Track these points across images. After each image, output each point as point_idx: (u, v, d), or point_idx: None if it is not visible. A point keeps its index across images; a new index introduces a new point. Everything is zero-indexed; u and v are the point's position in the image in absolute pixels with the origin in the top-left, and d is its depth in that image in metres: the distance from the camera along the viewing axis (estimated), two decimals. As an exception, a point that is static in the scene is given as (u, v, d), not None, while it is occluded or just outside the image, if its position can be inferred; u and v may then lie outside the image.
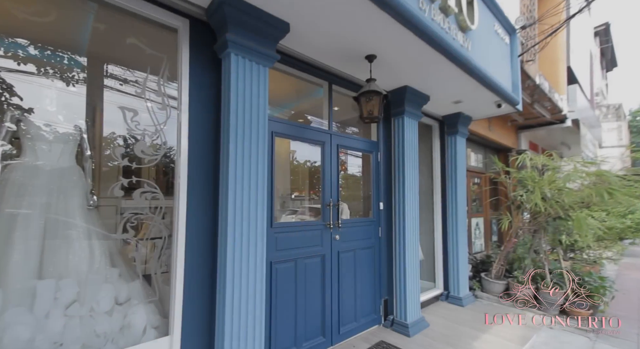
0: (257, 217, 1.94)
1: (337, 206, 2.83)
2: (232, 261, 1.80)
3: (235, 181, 1.85)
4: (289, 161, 5.95)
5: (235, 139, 1.87)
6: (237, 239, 1.83)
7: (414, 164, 3.37)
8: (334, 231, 2.81)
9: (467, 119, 4.25)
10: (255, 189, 1.94)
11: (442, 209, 4.32)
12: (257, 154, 1.97)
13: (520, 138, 7.32)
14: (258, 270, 1.93)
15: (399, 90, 3.21)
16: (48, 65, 1.90)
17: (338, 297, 2.81)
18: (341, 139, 2.95)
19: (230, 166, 1.84)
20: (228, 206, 1.81)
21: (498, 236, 6.99)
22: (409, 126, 3.33)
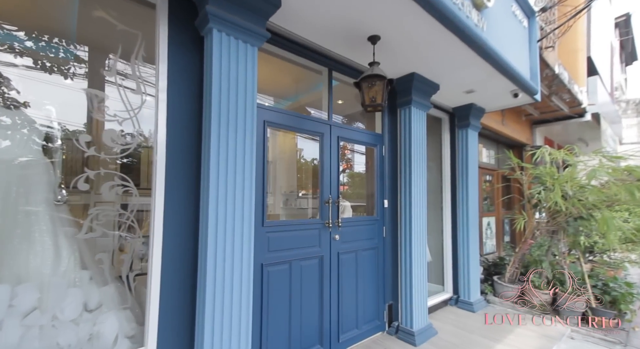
0: (244, 216, 1.73)
1: (338, 203, 2.60)
2: (213, 263, 1.60)
3: (218, 176, 1.64)
4: (296, 159, 5.77)
5: (217, 128, 1.65)
6: (220, 239, 1.62)
7: (421, 158, 3.11)
8: (334, 231, 2.58)
9: (480, 111, 3.95)
10: (241, 185, 1.73)
11: (451, 207, 4.05)
12: (245, 145, 1.76)
13: (535, 133, 6.94)
14: (244, 274, 1.72)
15: (405, 78, 2.94)
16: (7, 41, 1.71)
17: (338, 302, 2.58)
18: (342, 130, 2.71)
19: (212, 158, 1.63)
20: (209, 203, 1.60)
21: (511, 237, 6.66)
22: (416, 117, 3.07)
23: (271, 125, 2.24)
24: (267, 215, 2.18)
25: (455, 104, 3.87)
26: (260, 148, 2.14)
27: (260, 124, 2.15)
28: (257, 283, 2.06)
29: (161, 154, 1.66)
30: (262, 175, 2.14)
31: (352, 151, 4.14)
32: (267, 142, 2.19)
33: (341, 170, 2.78)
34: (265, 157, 2.17)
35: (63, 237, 1.61)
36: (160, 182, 1.65)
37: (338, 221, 2.59)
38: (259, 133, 2.14)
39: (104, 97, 1.57)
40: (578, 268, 3.73)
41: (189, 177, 1.73)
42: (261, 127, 2.16)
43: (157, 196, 1.63)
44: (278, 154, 6.16)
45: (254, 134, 1.81)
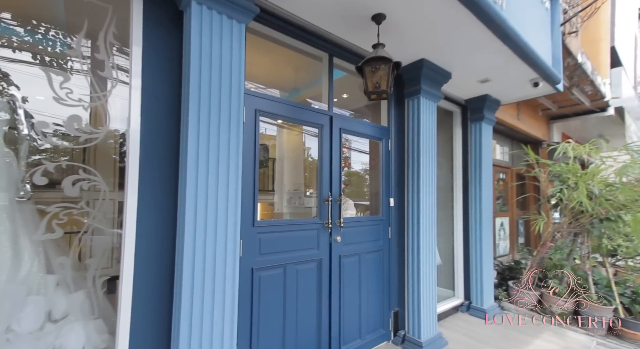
0: (228, 215, 1.52)
1: (339, 201, 2.37)
2: (190, 268, 1.39)
3: (197, 170, 1.44)
4: (304, 157, 5.58)
5: (196, 116, 1.45)
6: (199, 241, 1.42)
7: (431, 153, 2.85)
8: (335, 232, 2.36)
9: (495, 103, 3.66)
10: (225, 180, 1.52)
11: (463, 207, 3.78)
12: (229, 136, 1.55)
13: (552, 129, 6.56)
14: (229, 280, 1.51)
15: (414, 65, 2.69)
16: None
17: (339, 310, 2.36)
18: (344, 121, 2.47)
19: (190, 150, 1.43)
20: (186, 201, 1.40)
21: (525, 238, 6.33)
22: (426, 108, 2.81)
23: (264, 114, 2.02)
24: (269, 213, 1.97)
25: (468, 96, 3.59)
26: (251, 140, 1.93)
27: (251, 113, 1.94)
28: (246, 289, 1.86)
29: (134, 145, 1.46)
30: (253, 170, 1.93)
31: (349, 149, 3.91)
32: (258, 133, 1.97)
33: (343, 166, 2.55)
34: (257, 149, 1.96)
35: (25, 238, 1.43)
36: (134, 177, 1.45)
37: (340, 221, 2.36)
38: (249, 123, 1.93)
39: (65, 78, 1.38)
40: (602, 274, 3.42)
41: (167, 172, 1.53)
42: (252, 117, 1.94)
43: (130, 193, 1.44)
44: (285, 153, 5.97)
45: (240, 124, 1.60)
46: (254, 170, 1.94)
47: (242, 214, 1.85)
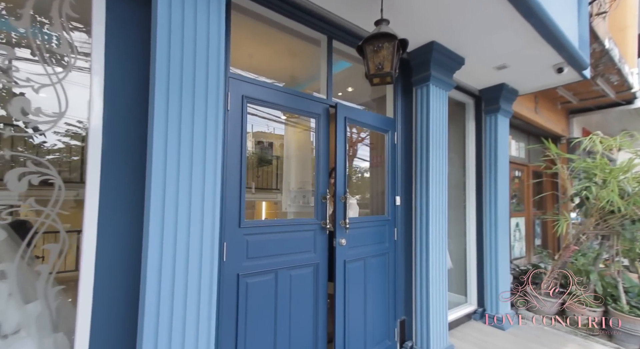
0: (204, 216, 1.31)
1: (344, 200, 2.12)
2: (155, 277, 1.19)
3: (165, 165, 1.23)
4: (312, 156, 5.36)
5: (164, 103, 1.24)
6: (167, 246, 1.21)
7: (442, 147, 2.59)
8: (339, 233, 2.11)
9: (513, 93, 3.36)
10: (200, 177, 1.31)
11: (476, 206, 3.49)
12: (206, 125, 1.33)
13: (572, 124, 6.16)
14: (204, 291, 1.30)
15: (423, 49, 2.43)
16: None
17: (344, 320, 2.12)
18: (346, 110, 2.22)
19: (156, 142, 1.21)
20: (151, 200, 1.20)
21: (542, 240, 5.96)
22: (436, 97, 2.54)
23: (252, 101, 1.80)
24: (274, 212, 1.76)
25: (482, 85, 3.30)
26: (237, 130, 1.71)
27: (237, 99, 1.72)
28: (231, 298, 1.65)
29: (96, 135, 1.26)
30: (240, 165, 1.72)
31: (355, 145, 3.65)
32: (245, 122, 1.75)
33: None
34: (245, 141, 1.74)
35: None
36: (95, 172, 1.26)
37: (345, 222, 2.11)
38: (235, 111, 1.71)
39: (9, 53, 1.18)
40: (634, 281, 3.09)
41: (135, 167, 1.33)
42: (238, 104, 1.73)
43: (90, 189, 1.24)
44: (292, 151, 5.77)
45: (220, 111, 1.38)
46: (241, 165, 1.72)
47: (227, 214, 1.64)
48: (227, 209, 1.64)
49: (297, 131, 5.33)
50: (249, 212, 9.21)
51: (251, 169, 8.30)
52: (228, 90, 1.67)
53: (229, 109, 1.67)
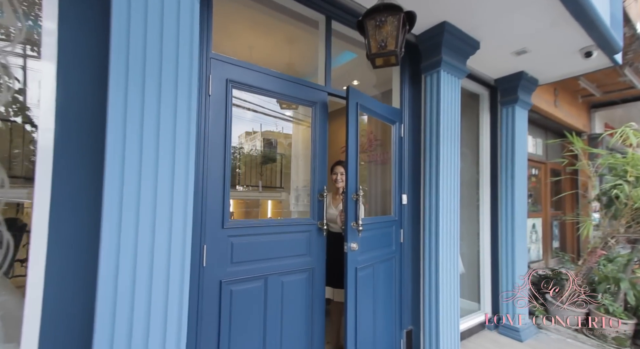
0: (173, 217, 1.11)
1: (357, 198, 1.85)
2: (110, 288, 1.00)
3: (124, 158, 1.03)
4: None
5: (122, 84, 1.04)
6: (125, 251, 1.02)
7: (454, 140, 2.34)
8: (351, 237, 1.82)
9: (532, 82, 3.07)
10: (168, 172, 1.11)
11: (491, 205, 3.22)
12: (175, 112, 1.14)
13: (594, 118, 5.77)
14: (173, 302, 1.11)
15: (433, 31, 2.19)
16: None
17: (355, 330, 1.90)
18: (358, 96, 1.96)
19: (112, 131, 1.02)
20: (105, 198, 1.01)
21: (560, 242, 5.61)
22: (447, 85, 2.30)
23: (239, 86, 1.60)
24: (279, 211, 1.57)
25: (499, 74, 3.02)
26: (221, 118, 1.52)
27: (221, 84, 1.53)
28: (212, 308, 1.46)
29: (47, 126, 1.08)
30: (223, 159, 1.52)
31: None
32: (230, 109, 1.56)
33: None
34: (230, 131, 1.55)
35: None
36: (45, 167, 1.07)
37: (358, 224, 1.84)
38: (218, 97, 1.51)
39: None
40: (669, 290, 2.77)
41: (94, 161, 1.14)
42: (222, 89, 1.53)
43: (40, 187, 1.06)
44: (300, 150, 5.59)
45: (192, 97, 1.17)
46: (224, 158, 1.52)
47: (208, 214, 1.45)
48: (208, 208, 1.45)
49: (304, 128, 5.15)
50: (253, 212, 9.08)
51: (256, 167, 8.16)
52: (210, 72, 1.48)
53: (210, 94, 1.48)
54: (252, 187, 7.63)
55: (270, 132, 10.51)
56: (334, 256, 2.17)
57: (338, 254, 2.18)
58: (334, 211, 2.29)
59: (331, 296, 2.26)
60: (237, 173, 7.77)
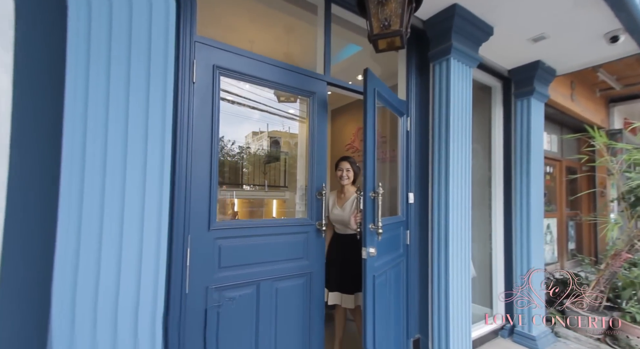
0: (144, 219, 0.98)
1: (376, 195, 1.60)
2: (66, 307, 0.87)
3: (84, 152, 0.91)
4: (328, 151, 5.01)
5: (83, 67, 0.91)
6: (87, 260, 0.89)
7: (464, 134, 2.17)
8: (370, 241, 1.57)
9: (549, 72, 2.86)
10: (139, 169, 0.98)
11: (504, 205, 3.02)
12: (147, 101, 1.00)
13: (613, 114, 5.47)
14: (144, 315, 0.97)
15: (442, 15, 2.01)
16: None
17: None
18: (375, 82, 1.76)
19: (69, 123, 0.89)
20: (60, 198, 0.88)
21: (577, 244, 5.34)
22: (458, 75, 2.12)
23: (228, 74, 1.46)
24: (283, 211, 1.43)
25: (513, 64, 2.82)
26: (206, 109, 1.38)
27: (207, 70, 1.39)
28: (196, 318, 1.32)
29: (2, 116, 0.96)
30: (210, 155, 1.38)
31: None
32: (217, 99, 1.42)
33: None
34: (217, 124, 1.41)
35: None
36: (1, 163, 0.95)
37: (377, 225, 1.60)
38: (203, 84, 1.37)
39: None
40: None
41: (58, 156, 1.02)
42: (208, 75, 1.39)
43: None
44: (306, 149, 5.44)
45: (167, 85, 1.04)
46: (211, 153, 1.38)
47: (192, 215, 1.32)
48: (192, 208, 1.31)
49: (305, 125, 5.01)
50: (258, 211, 8.95)
51: (259, 166, 8.05)
52: (194, 57, 1.34)
53: (194, 82, 1.34)
54: (258, 186, 7.52)
55: (277, 132, 10.40)
56: (341, 259, 2.02)
57: (346, 257, 2.02)
58: (340, 211, 2.13)
59: (339, 302, 2.09)
60: (243, 173, 7.71)
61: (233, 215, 4.62)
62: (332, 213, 2.14)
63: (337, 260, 2.06)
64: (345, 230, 2.11)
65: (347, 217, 2.07)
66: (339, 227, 2.14)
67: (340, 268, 2.04)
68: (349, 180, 2.15)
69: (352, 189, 2.17)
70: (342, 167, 2.17)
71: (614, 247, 2.92)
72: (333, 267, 2.04)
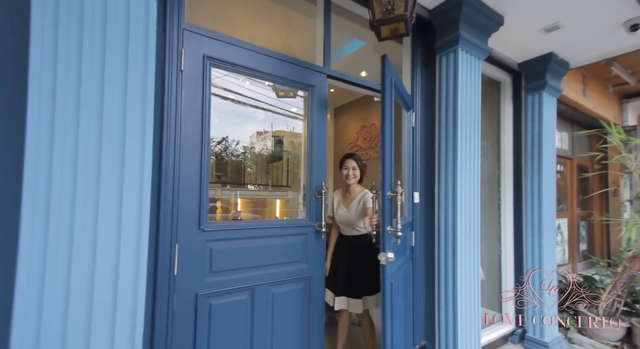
0: (122, 223, 0.89)
1: (395, 195, 1.44)
2: (31, 322, 0.78)
3: (52, 148, 0.81)
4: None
5: (50, 49, 0.82)
6: (53, 264, 0.80)
7: (473, 130, 2.05)
8: (388, 244, 1.43)
9: (562, 65, 2.72)
10: (116, 164, 0.89)
11: (514, 205, 2.89)
12: (125, 90, 0.91)
13: (627, 110, 5.28)
14: (122, 331, 0.88)
15: (449, 4, 1.90)
16: None
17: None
18: (392, 71, 1.62)
19: (33, 108, 0.80)
20: (23, 197, 0.79)
21: (588, 245, 5.17)
22: (466, 67, 2.00)
23: (219, 64, 1.37)
24: (286, 211, 1.34)
25: (524, 57, 2.69)
26: (196, 101, 1.29)
27: (197, 60, 1.29)
28: (186, 326, 1.23)
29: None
30: (200, 151, 1.29)
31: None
32: (208, 91, 1.32)
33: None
34: (208, 116, 1.32)
35: None
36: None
37: (397, 228, 1.44)
38: (193, 75, 1.28)
39: None
40: None
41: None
42: (198, 66, 1.29)
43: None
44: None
45: (148, 75, 0.94)
46: (202, 148, 1.29)
47: (180, 215, 1.23)
48: (180, 208, 1.22)
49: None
50: (260, 211, 8.88)
51: (262, 165, 7.98)
52: (182, 46, 1.25)
53: (182, 70, 1.24)
54: (262, 186, 7.46)
55: (280, 132, 10.34)
56: (347, 262, 1.92)
57: (353, 259, 1.92)
58: (345, 211, 2.02)
59: (345, 307, 1.97)
60: (246, 172, 7.66)
61: (236, 215, 4.55)
62: (337, 214, 2.03)
63: (344, 263, 1.95)
64: (352, 231, 2.00)
65: (353, 217, 1.96)
66: (345, 229, 2.03)
67: (346, 271, 1.93)
68: (355, 179, 2.02)
69: (359, 188, 2.05)
70: (347, 165, 2.03)
71: (628, 249, 2.78)
72: (339, 270, 1.93)
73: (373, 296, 1.95)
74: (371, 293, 1.94)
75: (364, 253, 1.96)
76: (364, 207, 1.93)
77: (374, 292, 1.95)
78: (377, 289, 1.93)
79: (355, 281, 1.90)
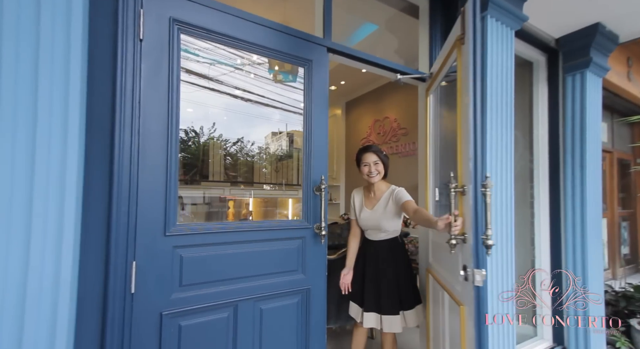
0: (32, 231, 0.65)
1: (485, 192, 1.07)
2: None
3: None
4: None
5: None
6: None
7: (506, 115, 1.72)
8: (482, 257, 1.08)
9: (610, 39, 2.31)
10: (25, 147, 0.65)
11: (550, 203, 2.51)
12: (38, 62, 0.67)
13: (676, 96, 4.67)
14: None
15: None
16: None
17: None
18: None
19: None
20: None
21: (631, 248, 4.63)
22: (497, 38, 1.67)
23: (190, 30, 1.11)
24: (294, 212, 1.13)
25: (563, 31, 2.30)
26: (161, 76, 1.04)
27: (160, 24, 1.04)
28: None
29: None
30: (167, 137, 1.04)
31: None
32: (176, 65, 1.07)
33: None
34: (175, 95, 1.07)
35: None
36: None
37: (487, 236, 1.03)
38: (155, 44, 1.03)
39: None
40: None
41: None
42: (162, 32, 1.05)
43: None
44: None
45: (76, 39, 0.70)
46: (169, 136, 1.04)
47: (140, 218, 0.98)
48: (140, 207, 0.98)
49: (330, 123, 4.70)
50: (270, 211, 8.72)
51: (273, 164, 7.83)
52: (141, 6, 1.00)
53: (142, 39, 1.00)
54: (276, 186, 7.31)
55: (294, 131, 10.21)
56: (375, 270, 1.62)
57: (382, 268, 1.61)
58: (370, 213, 1.67)
59: (377, 325, 1.68)
60: (259, 171, 7.54)
61: (247, 214, 4.35)
62: (361, 217, 1.71)
63: (372, 272, 1.63)
64: (378, 235, 1.68)
65: (381, 219, 1.61)
66: (370, 233, 1.70)
67: (376, 282, 1.61)
68: (379, 175, 1.65)
69: (384, 185, 1.70)
70: (367, 160, 1.65)
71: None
72: (366, 281, 1.63)
73: (411, 311, 1.62)
74: (409, 307, 1.62)
75: (395, 259, 1.63)
76: (397, 206, 1.58)
77: (412, 305, 1.63)
78: (415, 302, 1.64)
79: (391, 295, 1.57)
